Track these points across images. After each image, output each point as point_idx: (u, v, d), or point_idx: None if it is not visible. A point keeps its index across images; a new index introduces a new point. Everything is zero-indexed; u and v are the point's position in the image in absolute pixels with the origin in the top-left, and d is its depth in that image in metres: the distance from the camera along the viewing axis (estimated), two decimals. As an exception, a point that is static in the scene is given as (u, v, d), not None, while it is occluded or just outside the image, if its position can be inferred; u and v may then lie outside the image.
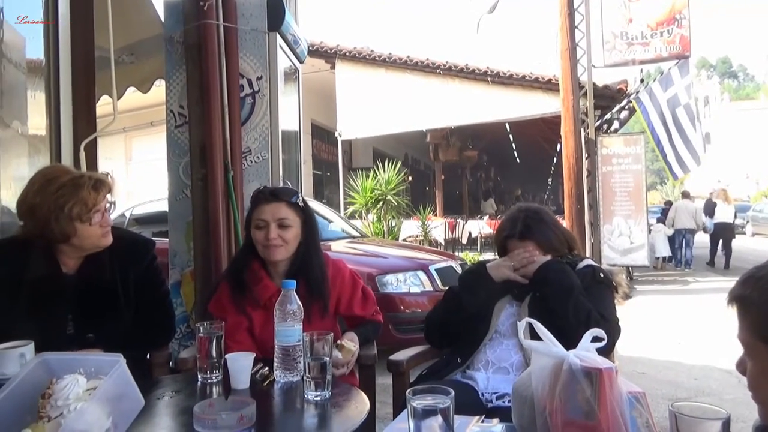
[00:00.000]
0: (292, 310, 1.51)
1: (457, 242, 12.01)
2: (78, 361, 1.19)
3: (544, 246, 1.90)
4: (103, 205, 1.77)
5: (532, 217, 1.95)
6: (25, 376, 1.18)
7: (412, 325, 4.06)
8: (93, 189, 1.74)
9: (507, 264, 1.88)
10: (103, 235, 1.79)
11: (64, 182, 1.73)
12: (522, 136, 16.28)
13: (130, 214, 5.76)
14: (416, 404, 0.91)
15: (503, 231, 1.99)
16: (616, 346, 1.80)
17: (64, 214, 1.70)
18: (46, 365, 1.22)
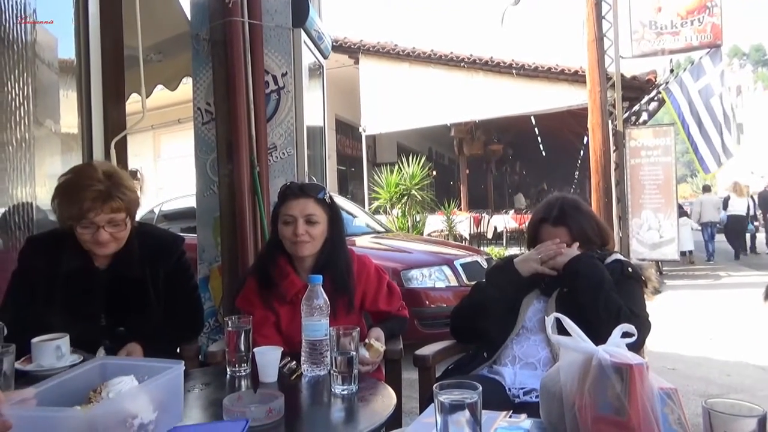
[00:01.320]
0: (318, 304, 1.52)
1: (483, 237, 11.95)
2: (133, 367, 1.21)
3: (577, 235, 1.87)
4: (101, 220, 1.71)
5: (570, 204, 1.93)
6: (80, 374, 1.21)
7: (438, 320, 4.06)
8: (91, 201, 1.69)
9: (534, 257, 1.85)
10: (93, 243, 1.74)
11: (70, 182, 1.75)
12: (548, 129, 16.09)
13: (159, 210, 5.86)
14: (443, 399, 0.91)
15: (537, 215, 1.97)
16: (645, 341, 1.76)
17: (61, 214, 1.75)
18: (103, 369, 1.25)
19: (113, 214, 1.74)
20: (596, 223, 1.94)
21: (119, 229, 1.78)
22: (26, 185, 2.59)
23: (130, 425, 1.01)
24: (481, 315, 1.88)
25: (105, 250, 1.78)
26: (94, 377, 1.20)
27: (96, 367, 1.24)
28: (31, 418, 1.01)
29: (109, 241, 1.76)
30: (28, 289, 1.81)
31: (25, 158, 2.59)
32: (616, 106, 8.87)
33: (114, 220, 1.75)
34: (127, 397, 1.07)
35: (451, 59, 11.23)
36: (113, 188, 1.74)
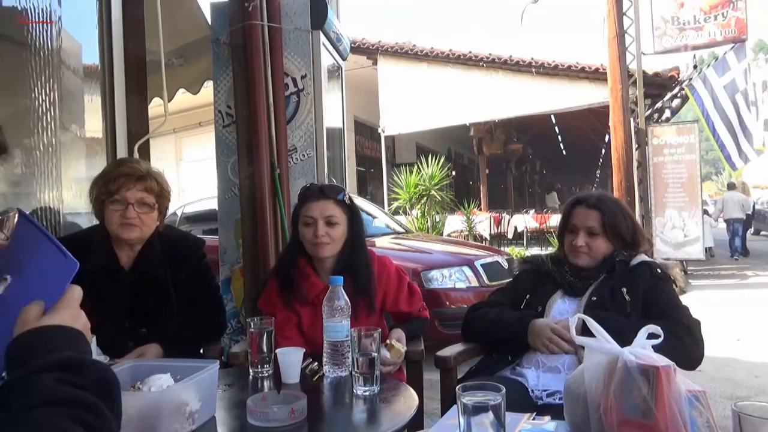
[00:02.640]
0: (339, 306, 1.53)
1: (503, 237, 11.87)
2: (167, 367, 1.25)
3: (608, 223, 1.84)
4: (131, 196, 1.79)
5: (610, 196, 1.95)
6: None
7: (458, 320, 3.99)
8: (126, 177, 1.79)
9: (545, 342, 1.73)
10: (120, 225, 1.80)
11: (111, 164, 1.84)
12: (568, 128, 15.93)
13: (182, 212, 5.94)
14: (466, 401, 0.90)
15: (573, 199, 1.97)
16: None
17: (93, 193, 1.84)
18: (134, 370, 1.29)
19: (144, 193, 1.81)
20: (632, 223, 1.91)
21: (147, 212, 1.83)
22: (53, 189, 2.64)
23: (184, 411, 1.10)
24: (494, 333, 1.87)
25: (130, 233, 1.81)
26: (125, 378, 1.24)
27: (127, 369, 1.28)
28: None
29: (136, 222, 1.80)
30: None
31: (52, 162, 2.64)
32: (638, 104, 8.75)
33: (144, 200, 1.81)
34: (183, 387, 1.14)
35: (469, 59, 11.18)
36: (149, 174, 1.85)
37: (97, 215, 1.87)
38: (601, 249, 1.86)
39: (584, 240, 1.85)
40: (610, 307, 1.73)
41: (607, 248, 1.86)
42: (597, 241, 1.85)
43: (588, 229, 1.86)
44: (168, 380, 1.19)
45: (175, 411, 1.08)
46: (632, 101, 8.70)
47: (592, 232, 1.85)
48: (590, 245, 1.85)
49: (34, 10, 2.60)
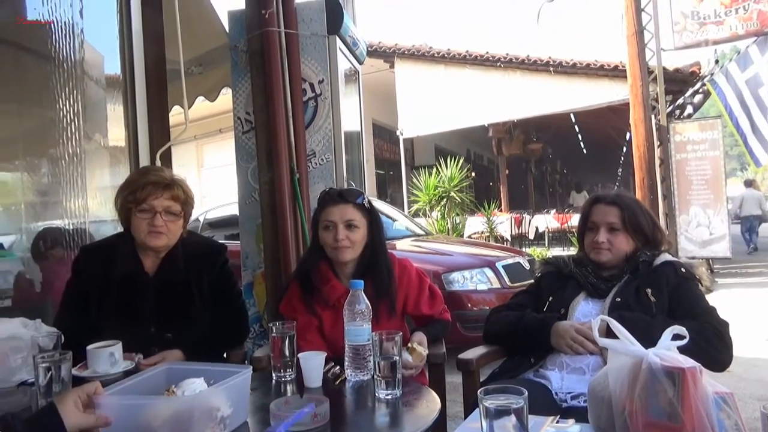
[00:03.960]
0: (360, 309, 1.53)
1: (524, 238, 11.77)
2: (200, 371, 1.27)
3: (628, 220, 1.83)
4: (159, 204, 1.82)
5: (628, 194, 1.95)
6: (148, 377, 1.28)
7: (480, 322, 3.97)
8: (152, 185, 1.83)
9: (569, 343, 1.72)
10: (148, 233, 1.83)
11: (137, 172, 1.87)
12: (588, 126, 15.75)
13: (204, 218, 6.00)
14: (489, 404, 0.90)
15: (592, 197, 1.96)
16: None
17: (119, 201, 1.87)
18: (168, 373, 1.31)
19: (171, 202, 1.84)
20: (652, 221, 1.90)
21: (174, 220, 1.86)
22: (78, 197, 2.70)
23: (215, 416, 1.10)
24: (517, 335, 1.86)
25: (157, 241, 1.84)
26: (160, 381, 1.26)
27: (163, 371, 1.30)
28: (131, 405, 1.11)
29: (163, 230, 1.84)
30: (82, 297, 1.88)
31: (77, 172, 2.70)
32: (659, 100, 8.62)
33: (171, 209, 1.85)
34: (213, 392, 1.15)
35: (486, 59, 11.13)
36: (175, 182, 1.88)
37: (123, 223, 1.90)
38: (622, 246, 1.84)
39: (605, 236, 1.84)
40: (635, 308, 1.71)
41: (628, 246, 1.85)
42: (618, 238, 1.84)
43: (608, 225, 1.85)
44: (201, 384, 1.21)
45: (206, 415, 1.10)
46: (653, 98, 8.58)
47: (612, 228, 1.84)
48: (611, 241, 1.84)
49: (57, 23, 2.66)
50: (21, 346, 1.53)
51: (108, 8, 3.08)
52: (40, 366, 1.35)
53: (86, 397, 1.09)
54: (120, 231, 1.98)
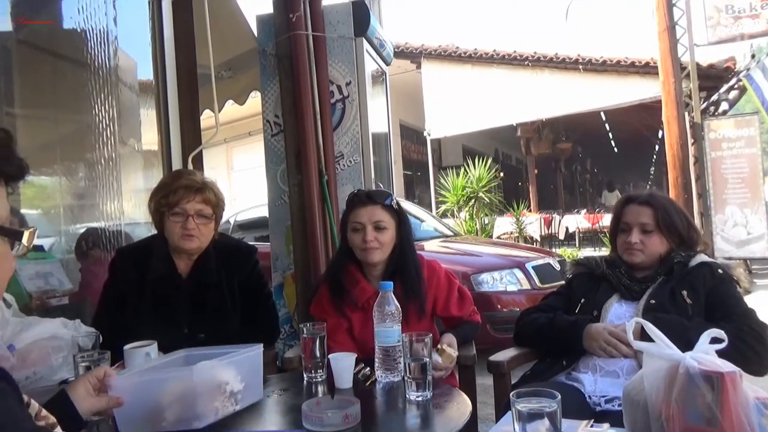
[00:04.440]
0: (390, 311, 1.53)
1: (554, 238, 11.61)
2: (216, 354, 1.29)
3: (662, 220, 1.79)
4: (191, 208, 1.85)
5: (660, 193, 1.93)
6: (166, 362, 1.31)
7: (510, 324, 3.95)
8: (185, 189, 1.86)
9: (602, 345, 1.69)
10: (181, 236, 1.86)
11: (170, 176, 1.93)
12: (619, 125, 15.47)
13: (234, 220, 6.08)
14: (521, 407, 0.89)
15: (624, 197, 1.93)
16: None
17: (152, 204, 1.90)
18: (188, 359, 1.34)
19: (203, 205, 1.87)
20: (687, 221, 1.86)
21: (206, 223, 1.89)
22: (114, 200, 2.77)
23: (224, 390, 1.12)
24: (548, 337, 1.84)
25: (190, 244, 1.88)
26: (178, 365, 1.29)
27: (181, 357, 1.33)
28: (139, 384, 1.14)
29: (196, 233, 1.87)
30: (118, 298, 1.93)
31: (113, 175, 2.76)
32: (692, 97, 8.41)
33: (203, 212, 1.88)
34: (220, 365, 1.17)
35: (514, 58, 11.03)
36: (206, 185, 1.90)
37: (157, 226, 1.94)
38: (656, 247, 1.80)
39: (638, 237, 1.80)
40: (670, 310, 1.68)
41: (662, 246, 1.81)
42: (652, 239, 1.80)
43: (641, 225, 1.81)
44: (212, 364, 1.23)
45: (214, 389, 1.11)
46: (686, 95, 8.38)
47: (645, 229, 1.80)
48: (645, 242, 1.80)
49: (92, 30, 2.73)
50: (62, 346, 1.57)
51: (140, 16, 3.15)
52: (80, 365, 1.38)
53: (96, 381, 1.12)
54: (154, 233, 2.02)
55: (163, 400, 1.07)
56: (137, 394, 1.11)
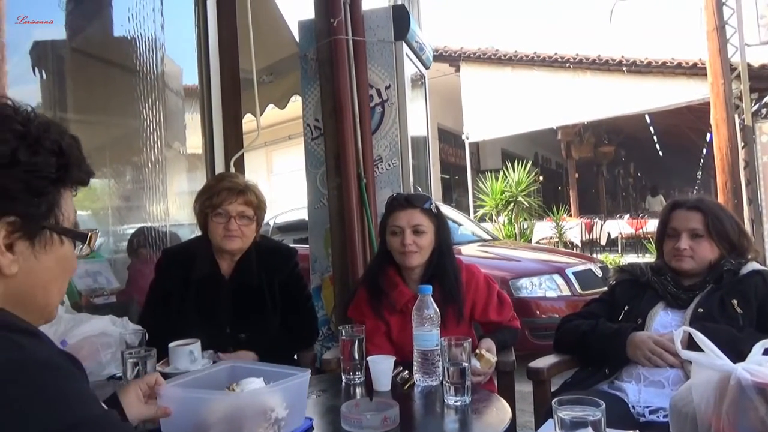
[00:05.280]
0: (429, 314, 1.53)
1: (595, 244, 11.35)
2: (261, 371, 1.30)
3: (712, 225, 1.73)
4: (233, 209, 1.90)
5: (709, 198, 1.87)
6: (212, 373, 1.32)
7: (549, 330, 3.90)
8: (227, 191, 1.91)
9: (646, 354, 1.65)
10: (224, 237, 1.91)
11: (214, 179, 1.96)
12: (664, 128, 15.06)
13: (274, 222, 6.17)
14: (564, 415, 0.88)
15: (671, 202, 1.89)
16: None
17: (197, 206, 1.96)
18: (232, 371, 1.35)
19: (245, 207, 1.92)
20: (738, 227, 1.79)
21: (247, 224, 1.94)
22: (160, 202, 2.85)
23: (269, 417, 1.11)
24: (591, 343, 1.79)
25: (232, 244, 1.92)
26: (223, 377, 1.30)
27: (226, 369, 1.34)
28: (188, 399, 1.15)
29: (238, 233, 1.91)
30: (164, 297, 1.98)
31: (159, 178, 2.85)
32: (743, 99, 8.11)
33: (244, 214, 1.92)
34: (268, 391, 1.17)
35: (555, 60, 10.86)
36: (248, 187, 1.95)
37: (201, 227, 1.99)
38: (706, 253, 1.74)
39: (687, 243, 1.74)
40: (719, 320, 1.62)
41: (712, 253, 1.74)
42: (702, 245, 1.74)
43: (691, 231, 1.75)
44: (260, 384, 1.23)
45: (260, 415, 1.11)
46: (736, 97, 8.08)
47: (695, 234, 1.74)
48: (694, 248, 1.74)
49: (142, 38, 2.83)
50: (110, 342, 1.63)
51: (186, 23, 3.24)
52: (128, 361, 1.43)
53: (147, 388, 1.15)
54: (199, 235, 2.07)
55: (210, 418, 1.09)
56: (185, 408, 1.13)
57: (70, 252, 0.74)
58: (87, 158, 0.75)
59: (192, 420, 1.11)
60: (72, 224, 0.74)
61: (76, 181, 0.74)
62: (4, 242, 0.65)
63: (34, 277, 0.70)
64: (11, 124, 0.66)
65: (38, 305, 0.73)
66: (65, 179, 0.71)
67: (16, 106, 0.69)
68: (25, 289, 0.69)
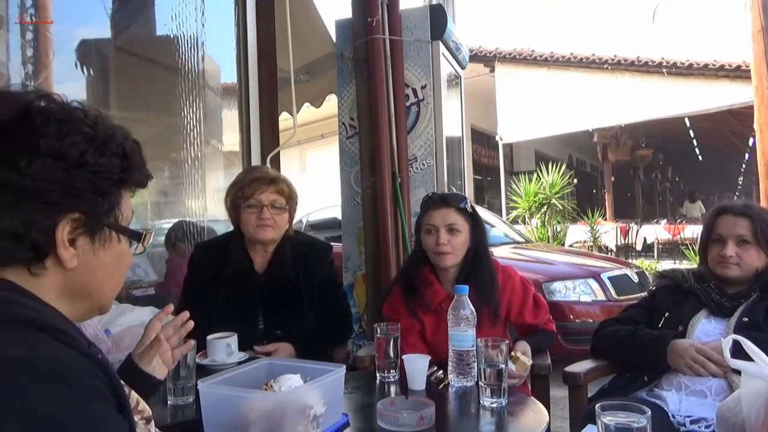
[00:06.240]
0: (465, 315, 1.52)
1: (631, 249, 11.10)
2: (298, 367, 1.31)
3: (760, 232, 1.67)
4: (265, 198, 1.91)
5: (756, 204, 1.83)
6: (249, 370, 1.33)
7: (583, 335, 3.84)
8: (258, 181, 1.92)
9: (688, 363, 1.60)
10: (256, 227, 1.91)
11: (244, 171, 2.02)
12: (705, 131, 14.64)
13: (306, 220, 6.22)
14: (608, 420, 0.86)
15: (716, 208, 1.83)
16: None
17: (229, 200, 1.97)
18: (270, 368, 1.36)
19: (276, 196, 1.94)
20: None
21: (280, 213, 1.95)
22: (198, 198, 2.90)
23: (308, 414, 1.12)
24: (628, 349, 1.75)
25: (265, 234, 1.93)
26: (261, 374, 1.31)
27: (264, 366, 1.35)
28: (228, 396, 1.16)
29: (270, 222, 1.92)
30: (197, 292, 2.00)
31: (198, 174, 2.90)
32: (790, 102, 7.83)
33: (276, 203, 1.93)
34: (308, 389, 1.17)
35: (593, 61, 10.66)
36: (278, 177, 1.97)
37: (233, 221, 2.01)
38: (753, 261, 1.68)
39: (734, 250, 1.69)
40: (766, 329, 1.56)
41: (759, 261, 1.69)
42: (749, 252, 1.68)
43: (738, 237, 1.70)
44: (297, 381, 1.24)
45: (299, 413, 1.12)
46: (783, 100, 7.81)
47: (743, 241, 1.69)
48: (741, 255, 1.68)
49: (183, 36, 2.88)
50: (151, 333, 1.66)
51: (226, 22, 3.29)
52: (167, 352, 1.45)
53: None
54: (231, 230, 2.08)
55: (250, 415, 1.10)
56: (225, 405, 1.15)
57: (126, 250, 0.77)
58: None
59: (232, 417, 1.12)
60: (128, 224, 0.77)
61: (136, 183, 0.77)
62: (68, 237, 0.68)
63: (91, 272, 0.72)
64: (81, 127, 0.69)
65: (92, 299, 0.75)
66: (126, 181, 0.75)
67: (86, 109, 0.73)
68: (81, 283, 0.72)
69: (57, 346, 0.61)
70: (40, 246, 0.67)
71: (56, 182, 0.66)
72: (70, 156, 0.67)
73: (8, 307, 0.62)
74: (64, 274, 0.70)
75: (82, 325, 1.50)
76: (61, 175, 0.66)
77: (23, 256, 0.66)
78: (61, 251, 0.68)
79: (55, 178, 0.66)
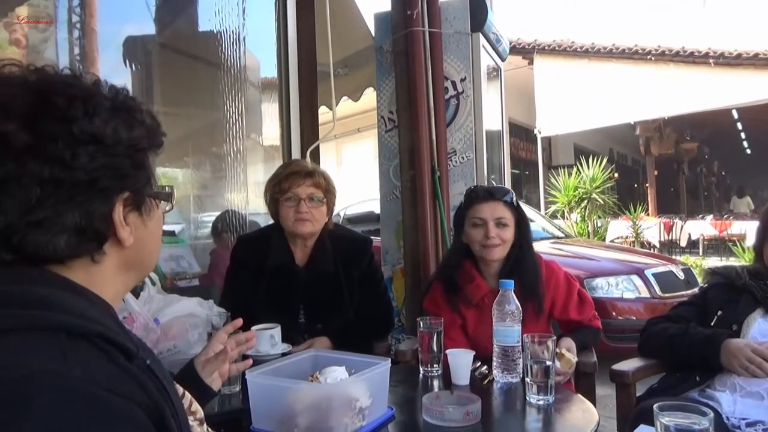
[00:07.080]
0: (510, 310, 1.49)
1: (675, 245, 10.79)
2: (343, 360, 1.31)
3: None
4: (302, 192, 1.91)
5: None
6: (295, 361, 1.35)
7: (626, 333, 3.76)
8: (295, 174, 1.93)
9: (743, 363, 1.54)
10: (294, 220, 1.91)
11: (282, 166, 2.02)
12: (754, 124, 14.09)
13: (344, 214, 6.25)
14: (667, 421, 0.83)
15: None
16: None
17: (268, 194, 1.99)
18: (315, 359, 1.37)
19: (314, 189, 1.93)
20: None
21: (317, 206, 1.94)
22: (240, 191, 2.94)
23: (354, 406, 1.12)
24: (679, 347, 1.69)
25: (303, 228, 1.93)
26: (306, 365, 1.32)
27: (309, 357, 1.36)
28: (275, 387, 1.17)
29: (308, 216, 1.92)
30: (239, 284, 2.02)
31: (240, 167, 2.94)
32: None
33: (314, 196, 1.93)
34: (354, 381, 1.18)
35: (635, 52, 10.36)
36: (315, 170, 1.98)
37: (273, 215, 2.02)
38: None
39: None
40: None
41: None
42: None
43: None
44: (343, 373, 1.24)
45: (345, 404, 1.12)
46: (841, 90, 7.45)
47: None
48: None
49: (225, 32, 2.92)
50: (197, 323, 1.69)
51: (267, 17, 3.32)
52: (215, 342, 1.47)
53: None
54: (271, 223, 2.09)
55: (297, 406, 1.11)
56: (272, 395, 1.16)
57: (161, 212, 0.77)
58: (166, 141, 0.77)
59: (280, 408, 1.14)
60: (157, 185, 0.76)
61: (158, 145, 0.76)
62: (123, 217, 0.69)
63: (144, 244, 0.73)
64: (101, 101, 0.67)
65: (144, 267, 0.76)
66: (153, 146, 0.74)
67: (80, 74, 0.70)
68: (136, 256, 0.73)
69: (94, 361, 0.56)
70: (103, 233, 0.67)
71: (104, 168, 0.65)
72: (107, 136, 0.65)
73: (52, 313, 0.58)
74: (121, 252, 0.70)
75: (135, 315, 1.53)
76: (106, 159, 0.65)
77: (88, 248, 0.66)
78: (120, 232, 0.68)
79: (103, 164, 0.65)
